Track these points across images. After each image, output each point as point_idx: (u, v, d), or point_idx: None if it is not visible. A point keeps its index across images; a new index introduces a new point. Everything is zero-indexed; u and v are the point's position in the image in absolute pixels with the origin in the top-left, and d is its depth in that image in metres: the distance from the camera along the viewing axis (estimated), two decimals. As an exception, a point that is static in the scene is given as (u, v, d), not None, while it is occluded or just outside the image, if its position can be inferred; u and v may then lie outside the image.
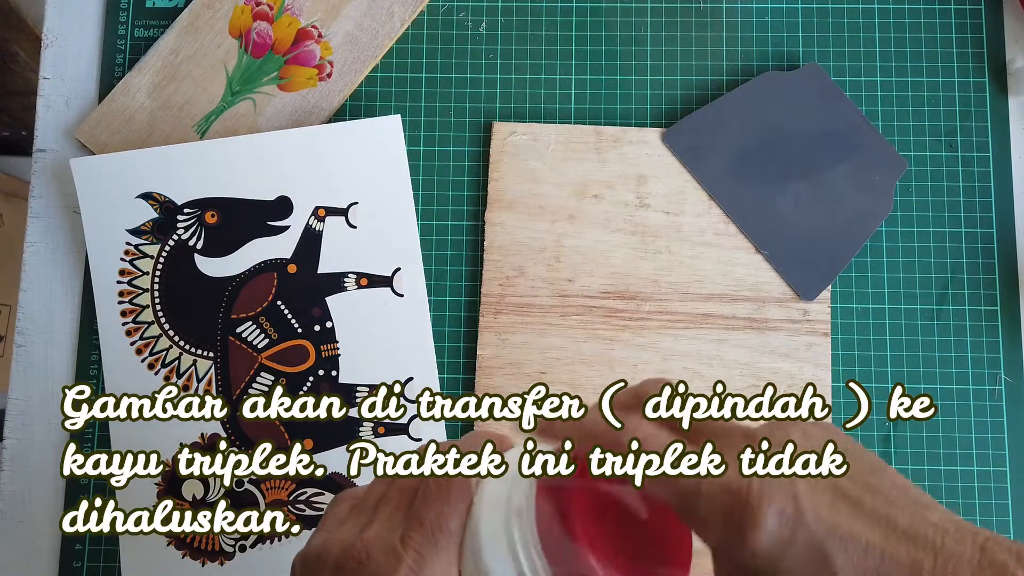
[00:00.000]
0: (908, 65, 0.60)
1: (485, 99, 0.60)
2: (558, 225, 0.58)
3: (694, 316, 0.57)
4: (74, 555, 0.57)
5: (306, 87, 0.60)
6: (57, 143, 0.61)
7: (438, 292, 0.58)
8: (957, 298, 0.58)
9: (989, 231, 0.58)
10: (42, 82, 0.62)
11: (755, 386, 0.56)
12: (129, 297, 0.58)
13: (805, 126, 0.58)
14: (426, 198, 0.59)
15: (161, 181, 0.58)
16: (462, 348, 0.58)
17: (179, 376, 0.57)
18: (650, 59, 0.61)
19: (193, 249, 0.58)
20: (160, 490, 0.56)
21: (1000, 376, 0.57)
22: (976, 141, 0.59)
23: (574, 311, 0.57)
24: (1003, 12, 0.60)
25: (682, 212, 0.58)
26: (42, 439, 0.58)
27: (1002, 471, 0.56)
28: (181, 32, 0.60)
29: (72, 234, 0.60)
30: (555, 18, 0.61)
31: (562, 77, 0.61)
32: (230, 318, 0.57)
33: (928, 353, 0.57)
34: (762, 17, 0.61)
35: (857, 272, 0.58)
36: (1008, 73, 0.60)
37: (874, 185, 0.58)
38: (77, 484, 0.57)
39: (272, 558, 0.56)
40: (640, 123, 0.60)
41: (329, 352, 0.57)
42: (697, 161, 0.58)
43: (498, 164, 0.58)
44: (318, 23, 0.60)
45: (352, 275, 0.58)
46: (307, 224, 0.58)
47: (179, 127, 0.60)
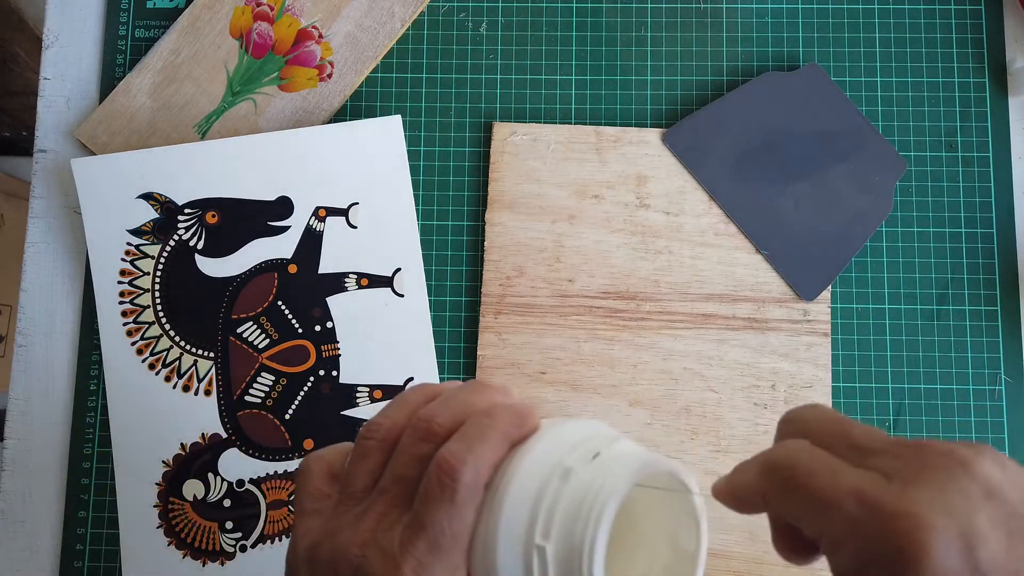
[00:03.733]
0: (908, 65, 0.60)
1: (485, 99, 0.60)
2: (558, 225, 0.58)
3: (694, 316, 0.57)
4: (74, 555, 0.57)
5: (307, 87, 0.60)
6: (58, 143, 0.61)
7: (438, 292, 0.59)
8: (957, 298, 0.58)
9: (989, 231, 0.58)
10: (43, 82, 0.62)
11: (755, 386, 0.56)
12: (130, 297, 0.58)
13: (805, 126, 0.58)
14: (426, 198, 0.60)
15: (162, 181, 0.58)
16: (462, 348, 0.58)
17: (179, 376, 0.57)
18: (650, 59, 0.61)
19: (194, 249, 0.58)
20: (160, 490, 0.56)
21: (1000, 376, 0.57)
22: (976, 141, 0.59)
23: (574, 311, 0.57)
24: (1003, 12, 0.60)
25: (682, 212, 0.58)
26: (43, 439, 0.58)
27: (1002, 471, 0.56)
28: (182, 32, 0.60)
29: (73, 234, 0.60)
30: (555, 18, 0.61)
31: (562, 77, 0.61)
32: (231, 318, 0.57)
33: (928, 353, 0.57)
34: (762, 17, 0.61)
35: (857, 272, 0.58)
36: (1008, 73, 0.60)
37: (874, 185, 0.58)
38: (78, 484, 0.57)
39: (272, 558, 0.56)
40: (640, 123, 0.60)
41: (330, 352, 0.57)
42: (697, 161, 0.58)
43: (498, 164, 0.59)
44: (318, 23, 0.60)
45: (352, 275, 0.58)
46: (308, 224, 0.58)
47: (180, 127, 0.60)
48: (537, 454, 0.28)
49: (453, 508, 0.27)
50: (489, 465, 0.28)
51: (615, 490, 0.26)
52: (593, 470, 0.27)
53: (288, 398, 0.57)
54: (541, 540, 0.26)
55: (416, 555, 0.27)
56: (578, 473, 0.27)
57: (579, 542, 0.26)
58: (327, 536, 0.29)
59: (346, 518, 0.29)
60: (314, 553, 0.29)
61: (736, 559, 0.54)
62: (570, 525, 0.26)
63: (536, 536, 0.27)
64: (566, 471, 0.27)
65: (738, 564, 0.54)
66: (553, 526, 0.26)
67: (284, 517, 0.56)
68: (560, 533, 0.26)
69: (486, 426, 0.28)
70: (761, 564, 0.54)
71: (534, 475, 0.28)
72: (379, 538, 0.28)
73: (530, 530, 0.27)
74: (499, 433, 0.28)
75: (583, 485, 0.27)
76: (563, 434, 0.29)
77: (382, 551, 0.28)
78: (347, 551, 0.28)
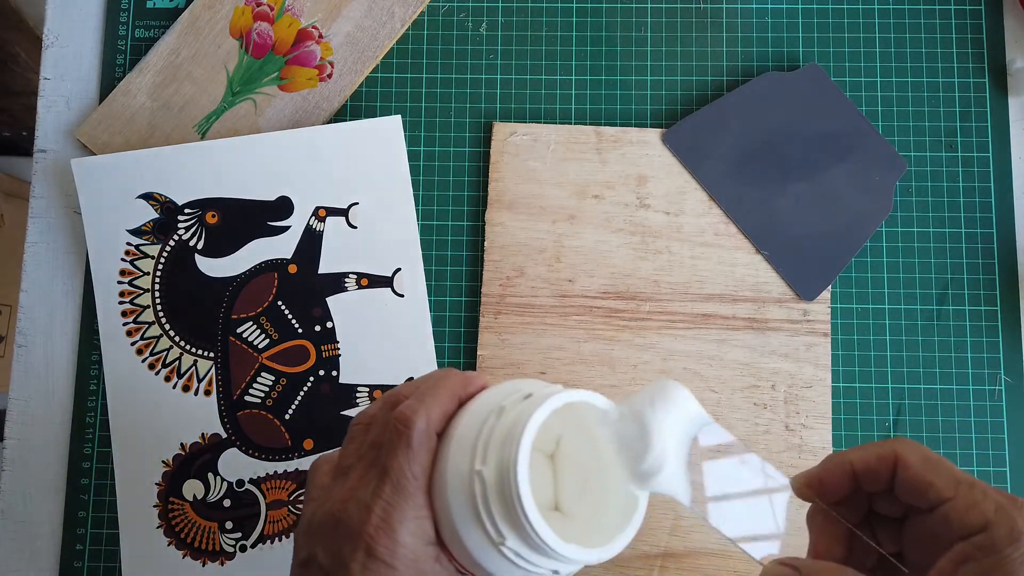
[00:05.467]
0: (908, 65, 0.60)
1: (485, 99, 0.60)
2: (558, 225, 0.58)
3: (694, 316, 0.57)
4: (74, 555, 0.57)
5: (307, 87, 0.60)
6: (58, 143, 0.61)
7: (438, 292, 0.59)
8: (957, 298, 0.58)
9: (989, 231, 0.58)
10: (43, 82, 0.62)
11: (755, 386, 0.56)
12: (130, 297, 0.58)
13: (805, 126, 0.58)
14: (426, 198, 0.60)
15: (162, 181, 0.58)
16: (462, 348, 0.58)
17: (179, 376, 0.57)
18: (650, 59, 0.61)
19: (194, 249, 0.58)
20: (160, 490, 0.56)
21: (1000, 376, 0.57)
22: (976, 141, 0.59)
23: (574, 311, 0.57)
24: (1003, 12, 0.60)
25: (682, 212, 0.58)
26: (42, 439, 0.58)
27: (1002, 471, 0.56)
28: (182, 33, 0.60)
29: (73, 234, 0.60)
30: (555, 18, 0.61)
31: (562, 77, 0.61)
32: (231, 318, 0.57)
33: (928, 353, 0.57)
34: (762, 17, 0.61)
35: (857, 272, 0.58)
36: (1008, 73, 0.60)
37: (874, 185, 0.58)
38: (78, 484, 0.57)
39: (272, 558, 0.56)
40: (640, 123, 0.60)
41: (330, 352, 0.57)
42: (697, 161, 0.58)
43: (498, 164, 0.59)
44: (318, 23, 0.60)
45: (352, 275, 0.58)
46: (307, 224, 0.58)
47: (180, 127, 0.60)
48: (480, 402, 0.33)
49: (410, 452, 0.31)
50: (440, 415, 0.33)
51: (537, 411, 0.30)
52: (523, 406, 0.31)
53: (288, 398, 0.57)
54: (480, 465, 0.30)
55: (384, 497, 0.31)
56: (509, 410, 0.31)
57: (507, 460, 0.29)
58: (320, 505, 0.33)
59: (335, 488, 0.33)
60: (311, 521, 0.33)
61: (736, 559, 0.54)
62: (500, 449, 0.30)
63: (476, 463, 0.30)
64: (500, 409, 0.31)
65: (738, 564, 0.54)
66: (489, 452, 0.30)
67: (284, 517, 0.56)
68: (494, 457, 0.30)
69: (437, 385, 0.33)
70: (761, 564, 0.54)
71: (476, 418, 0.32)
72: (356, 493, 0.32)
73: (471, 461, 0.31)
74: (447, 390, 0.33)
75: (513, 417, 0.31)
76: (504, 387, 0.34)
77: (358, 502, 0.31)
78: (332, 509, 0.32)
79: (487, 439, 0.31)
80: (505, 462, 0.30)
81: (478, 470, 0.30)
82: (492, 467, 0.30)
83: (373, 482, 0.32)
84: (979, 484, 0.31)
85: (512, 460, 0.29)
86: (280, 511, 0.56)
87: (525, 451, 0.29)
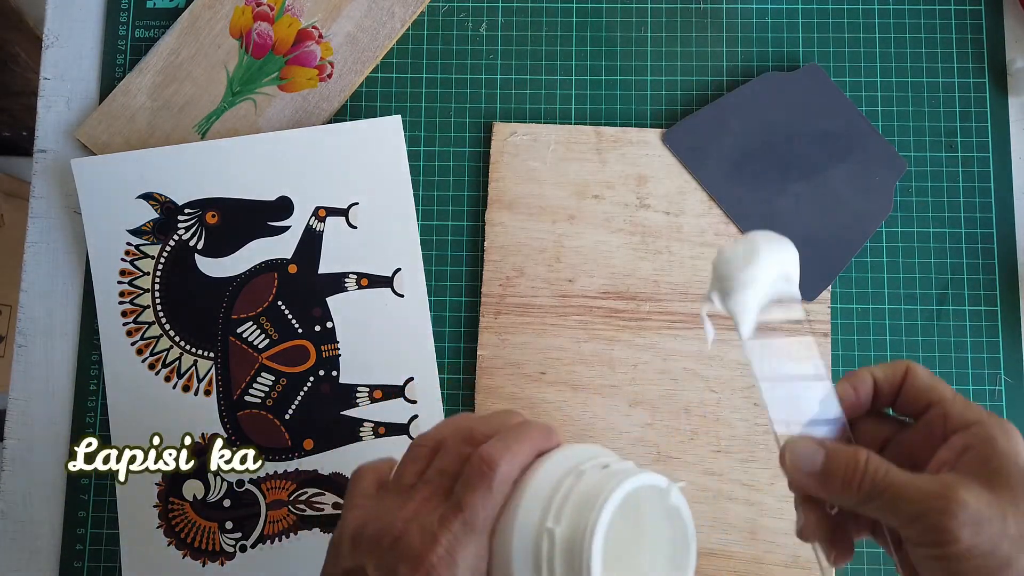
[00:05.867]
0: (908, 65, 0.60)
1: (485, 99, 0.60)
2: (558, 225, 0.58)
3: (694, 316, 0.57)
4: (74, 555, 0.57)
5: (307, 87, 0.60)
6: (58, 143, 0.61)
7: (438, 292, 0.59)
8: (957, 298, 0.58)
9: (989, 231, 0.58)
10: (43, 82, 0.62)
11: (755, 386, 0.56)
12: (130, 297, 0.58)
13: (805, 126, 0.58)
14: (426, 198, 0.60)
15: (162, 181, 0.58)
16: (462, 348, 0.58)
17: (179, 376, 0.57)
18: (650, 59, 0.61)
19: (194, 249, 0.58)
20: (160, 490, 0.56)
21: (1000, 376, 0.57)
22: (976, 141, 0.59)
23: (574, 311, 0.57)
24: (1003, 12, 0.60)
25: (682, 212, 0.58)
26: (43, 439, 0.58)
27: (1002, 471, 0.56)
28: (182, 33, 0.60)
29: (73, 234, 0.60)
30: (555, 18, 0.61)
31: (562, 77, 0.61)
32: (231, 318, 0.57)
33: (928, 353, 0.57)
34: (762, 17, 0.61)
35: (857, 272, 0.58)
36: (1008, 73, 0.60)
37: (874, 185, 0.58)
38: (78, 484, 0.57)
39: (272, 558, 0.56)
40: (640, 123, 0.60)
41: (330, 352, 0.57)
42: (697, 161, 0.58)
43: (498, 164, 0.59)
44: (318, 24, 0.60)
45: (352, 275, 0.58)
46: (307, 224, 0.58)
47: (180, 127, 0.60)
48: (557, 460, 0.33)
49: (488, 494, 0.32)
50: (520, 464, 0.33)
51: (620, 487, 0.31)
52: (602, 475, 0.32)
53: (288, 398, 0.57)
54: (552, 524, 0.31)
55: (452, 531, 0.31)
56: (589, 475, 0.32)
57: (583, 526, 0.30)
58: (374, 518, 0.33)
59: (393, 504, 0.34)
60: (360, 531, 0.33)
61: (736, 559, 0.54)
62: (577, 513, 0.31)
63: (548, 521, 0.31)
64: (580, 472, 0.32)
65: (738, 564, 0.54)
66: (563, 513, 0.31)
67: (284, 517, 0.56)
68: (568, 519, 0.31)
69: (521, 433, 0.34)
70: (761, 564, 0.54)
71: (552, 475, 0.33)
72: (420, 517, 0.32)
73: (543, 517, 0.31)
74: (530, 441, 0.34)
75: (593, 484, 0.32)
76: (579, 450, 0.34)
77: (422, 527, 0.32)
78: (391, 526, 0.32)
79: (563, 499, 0.31)
80: (580, 528, 0.30)
81: (549, 528, 0.31)
82: (565, 528, 0.31)
83: (440, 511, 0.32)
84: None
85: (590, 529, 0.30)
86: (280, 511, 0.56)
87: (603, 523, 0.30)
